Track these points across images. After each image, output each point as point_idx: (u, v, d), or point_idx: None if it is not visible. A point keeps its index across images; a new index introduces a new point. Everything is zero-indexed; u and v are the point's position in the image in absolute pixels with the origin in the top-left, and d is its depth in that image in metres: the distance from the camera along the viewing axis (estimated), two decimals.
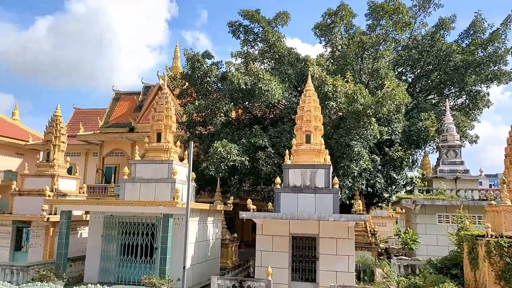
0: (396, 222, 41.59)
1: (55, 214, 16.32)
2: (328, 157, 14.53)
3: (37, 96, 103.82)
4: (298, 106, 15.50)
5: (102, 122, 33.10)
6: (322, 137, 15.10)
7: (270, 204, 15.32)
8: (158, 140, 15.99)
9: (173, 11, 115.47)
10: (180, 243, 13.90)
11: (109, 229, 14.81)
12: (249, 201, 13.94)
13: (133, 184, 15.27)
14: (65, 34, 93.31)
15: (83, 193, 18.47)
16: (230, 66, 23.34)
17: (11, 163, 37.89)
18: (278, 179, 14.46)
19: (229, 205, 18.00)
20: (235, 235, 20.00)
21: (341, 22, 22.00)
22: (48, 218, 15.45)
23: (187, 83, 23.39)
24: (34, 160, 41.44)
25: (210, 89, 22.16)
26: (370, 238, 18.96)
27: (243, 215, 13.43)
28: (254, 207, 13.90)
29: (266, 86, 18.45)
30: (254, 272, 17.12)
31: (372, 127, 17.10)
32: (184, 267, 12.00)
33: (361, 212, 13.17)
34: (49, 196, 15.37)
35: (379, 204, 25.61)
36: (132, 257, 14.53)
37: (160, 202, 13.48)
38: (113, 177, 34.40)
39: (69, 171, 19.34)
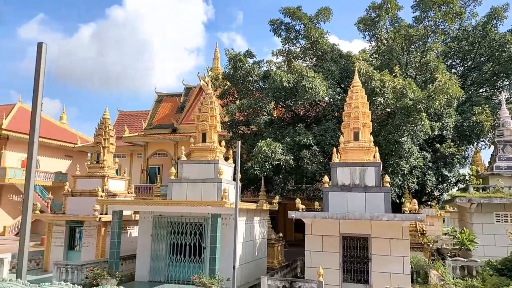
0: (443, 221, 39.99)
1: (106, 214, 16.74)
2: (377, 155, 14.05)
3: (81, 101, 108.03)
4: (345, 103, 15.10)
5: (146, 123, 33.86)
6: (370, 134, 14.64)
7: (316, 203, 15.02)
8: (204, 140, 16.04)
9: (210, 13, 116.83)
10: (228, 243, 13.89)
11: (158, 229, 15.03)
12: (297, 200, 13.71)
13: (180, 184, 15.41)
14: (107, 40, 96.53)
15: (131, 193, 18.86)
16: (270, 65, 23.21)
17: (61, 165, 39.59)
18: (326, 178, 14.14)
19: (274, 204, 17.84)
20: (280, 234, 19.82)
21: (386, 16, 21.29)
22: (100, 218, 15.85)
23: (228, 83, 23.44)
24: (82, 162, 43.08)
25: (252, 88, 22.08)
26: (421, 238, 18.23)
27: (292, 214, 13.21)
28: (303, 206, 13.64)
29: (310, 84, 18.13)
30: (303, 272, 16.90)
31: (422, 122, 16.40)
32: (234, 267, 11.93)
33: (416, 212, 12.61)
34: (101, 196, 15.76)
35: (429, 203, 24.63)
36: (181, 257, 14.67)
37: (209, 202, 13.50)
38: (157, 178, 35.16)
39: (116, 172, 19.84)
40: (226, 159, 16.64)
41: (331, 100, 20.41)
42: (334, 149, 14.62)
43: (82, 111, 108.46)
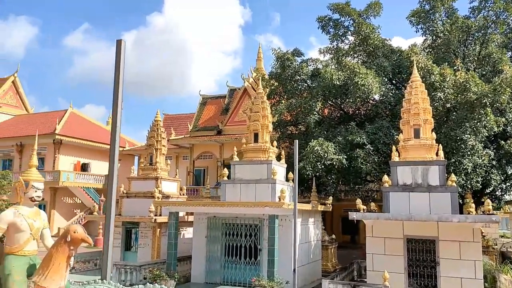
0: (498, 222, 37.89)
1: (160, 215, 16.90)
2: (441, 152, 13.31)
3: (125, 107, 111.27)
4: (403, 99, 14.45)
5: (192, 126, 34.22)
6: (432, 130, 13.92)
7: (372, 204, 14.44)
8: (256, 140, 15.85)
9: (247, 16, 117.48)
10: (284, 244, 13.61)
11: (213, 230, 14.96)
12: (358, 200, 13.22)
13: (233, 185, 15.28)
14: (148, 46, 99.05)
15: (183, 194, 18.97)
16: (317, 63, 22.78)
17: None
18: (386, 177, 13.55)
19: (327, 205, 17.39)
20: (333, 236, 19.33)
21: (442, 7, 20.33)
22: (155, 219, 16.00)
23: (275, 83, 23.19)
24: (130, 164, 44.09)
25: (300, 87, 21.73)
26: (485, 241, 17.21)
27: (354, 215, 12.74)
28: (364, 207, 13.13)
29: (363, 80, 17.56)
30: (359, 276, 16.36)
31: (487, 118, 15.44)
32: (294, 270, 11.61)
33: (490, 212, 11.79)
34: (158, 198, 15.91)
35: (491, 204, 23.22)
36: (236, 258, 14.53)
37: (266, 203, 13.27)
38: (203, 179, 35.45)
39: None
40: (278, 159, 16.39)
41: (383, 97, 19.71)
42: (393, 148, 14.01)
43: (125, 116, 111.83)
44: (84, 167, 38.18)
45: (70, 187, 35.09)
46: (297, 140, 12.50)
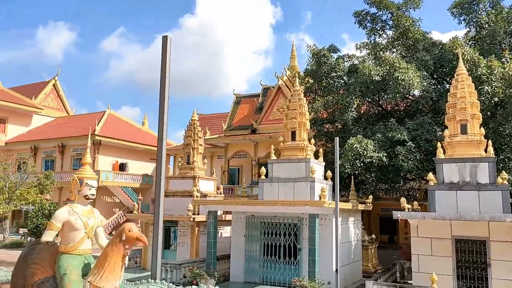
0: None
1: (198, 214, 16.95)
2: (490, 149, 12.63)
3: (157, 107, 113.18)
4: (448, 93, 13.84)
5: (226, 125, 34.31)
6: (480, 126, 13.25)
7: (415, 202, 13.91)
8: (293, 138, 15.66)
9: (278, 15, 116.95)
10: (324, 244, 13.35)
11: (252, 229, 14.86)
12: (403, 199, 12.76)
13: (271, 184, 15.13)
14: (181, 48, 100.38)
15: (220, 193, 18.98)
16: (353, 59, 22.29)
17: (146, 168, 41.50)
18: (430, 175, 13.01)
19: (368, 204, 16.94)
20: (373, 236, 18.82)
21: None
22: (194, 218, 16.06)
23: (310, 80, 22.85)
24: (166, 164, 44.68)
25: (336, 84, 21.31)
26: None
27: (398, 214, 12.31)
28: (409, 206, 12.66)
29: (403, 75, 16.98)
30: (402, 277, 15.84)
31: None
32: (337, 271, 11.36)
33: None
34: (197, 197, 15.96)
35: None
36: (276, 258, 14.36)
37: (306, 202, 13.03)
38: (237, 178, 35.50)
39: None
40: (316, 157, 16.11)
41: (424, 92, 19.00)
42: (438, 144, 13.43)
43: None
44: (122, 167, 39.06)
45: (109, 187, 35.96)
46: (337, 138, 12.20)
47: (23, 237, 28.13)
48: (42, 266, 3.60)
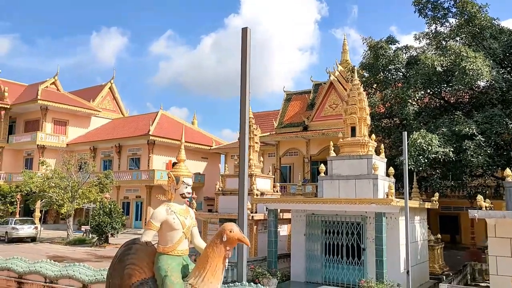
0: None
1: (256, 212, 16.83)
2: None
3: (206, 107, 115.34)
4: None
5: (277, 123, 34.09)
6: None
7: (487, 200, 12.96)
8: (353, 134, 15.10)
9: (323, 11, 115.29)
10: (391, 244, 12.75)
11: (312, 228, 14.51)
12: (479, 197, 11.91)
13: (331, 181, 14.69)
14: (227, 48, 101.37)
15: (277, 191, 18.77)
16: (411, 50, 21.32)
17: (198, 167, 42.19)
18: (508, 171, 12.04)
19: (434, 202, 16.07)
20: (439, 236, 17.87)
21: None
22: (252, 216, 15.95)
23: (365, 74, 22.11)
24: (216, 163, 45.33)
25: (394, 77, 20.47)
26: None
27: (475, 213, 11.48)
28: (487, 204, 11.80)
29: (471, 65, 15.94)
30: (473, 280, 14.90)
31: None
32: (408, 272, 10.79)
33: None
34: (256, 195, 15.85)
35: None
36: (338, 258, 13.91)
37: (372, 200, 12.51)
38: (289, 176, 35.23)
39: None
40: (377, 153, 15.49)
41: (493, 82, 17.79)
42: None
43: (207, 117, 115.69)
44: (175, 166, 39.93)
45: (163, 185, 36.83)
46: (405, 132, 11.62)
47: (85, 234, 29.40)
48: (139, 267, 3.50)
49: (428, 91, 19.98)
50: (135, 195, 37.99)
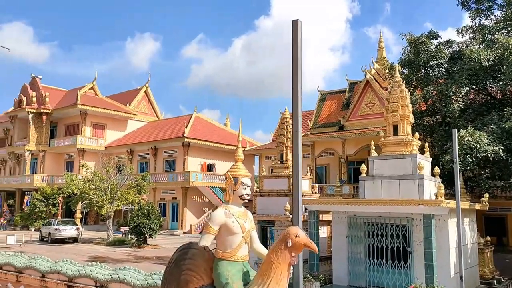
0: None
1: None
2: None
3: (237, 109, 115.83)
4: None
5: (312, 123, 33.62)
6: None
7: None
8: (395, 133, 14.55)
9: (355, 10, 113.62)
10: (440, 247, 12.16)
11: (354, 230, 14.07)
12: None
13: (373, 182, 14.20)
14: (257, 50, 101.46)
15: (315, 192, 18.40)
16: (452, 45, 20.44)
17: None
18: None
19: (484, 203, 15.27)
20: (488, 238, 16.98)
21: None
22: (292, 218, 15.64)
23: (404, 72, 21.35)
24: (251, 164, 45.23)
25: (437, 73, 19.66)
26: None
27: None
28: None
29: None
30: None
31: None
32: (461, 277, 10.21)
33: None
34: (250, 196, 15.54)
35: None
36: (382, 261, 13.41)
37: (420, 201, 11.97)
38: (324, 177, 34.66)
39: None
40: (421, 152, 14.87)
41: None
42: None
43: (239, 119, 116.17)
44: (209, 168, 40.16)
45: (199, 187, 37.10)
46: (455, 130, 11.01)
47: (124, 235, 29.94)
48: (197, 273, 3.31)
49: (474, 87, 19.06)
50: (171, 196, 38.44)
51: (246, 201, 3.53)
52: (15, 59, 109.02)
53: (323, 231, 17.81)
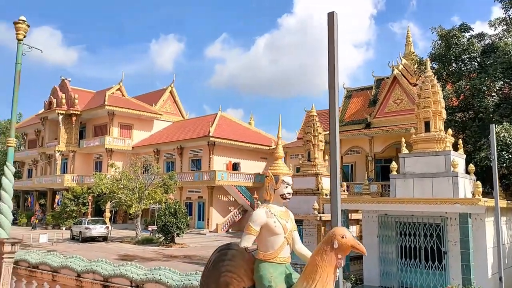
0: None
1: (323, 212, 16.28)
2: None
3: (260, 107, 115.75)
4: None
5: None
6: None
7: None
8: (427, 129, 14.13)
9: (380, 5, 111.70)
10: (476, 247, 11.71)
11: (385, 230, 13.74)
12: None
13: (404, 180, 13.82)
14: (280, 48, 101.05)
15: (344, 191, 18.09)
16: (485, 38, 19.72)
17: (258, 167, 42.16)
18: None
19: None
20: None
21: None
22: (320, 217, 15.45)
23: (433, 67, 20.74)
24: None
25: (469, 67, 19.01)
26: None
27: None
28: None
29: None
30: None
31: None
32: (500, 278, 9.81)
33: None
34: (326, 195, 15.35)
35: None
36: (416, 261, 13.04)
37: (456, 200, 11.57)
38: (351, 175, 34.16)
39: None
40: (455, 149, 14.38)
41: None
42: None
43: (262, 117, 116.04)
44: (235, 167, 40.20)
45: (224, 186, 37.17)
46: (492, 125, 10.57)
47: (152, 234, 30.30)
48: (237, 275, 3.20)
49: (508, 80, 18.34)
50: (197, 195, 38.68)
51: (288, 200, 3.41)
52: (45, 63, 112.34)
53: (352, 230, 17.51)
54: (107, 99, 41.92)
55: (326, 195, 15.46)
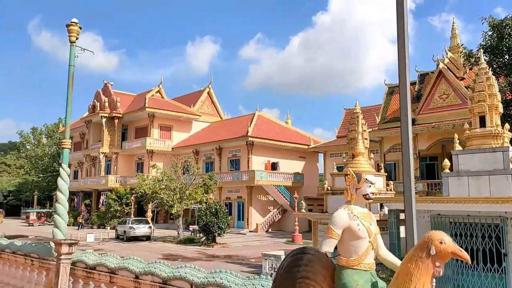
0: None
1: None
2: None
3: (297, 108, 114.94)
4: None
5: (379, 118, 32.31)
6: None
7: None
8: (482, 124, 13.36)
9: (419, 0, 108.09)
10: None
11: (439, 230, 13.10)
12: None
13: (459, 178, 13.14)
14: (315, 46, 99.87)
15: (390, 190, 17.48)
16: None
17: (296, 166, 41.76)
18: None
19: None
20: None
21: None
22: None
23: (485, 59, 19.69)
24: (315, 161, 44.47)
25: None
26: None
27: None
28: None
29: None
30: None
31: None
32: None
33: None
34: (375, 194, 14.85)
35: None
36: (473, 264, 12.33)
37: None
38: (394, 174, 33.14)
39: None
40: None
41: None
42: None
43: (298, 116, 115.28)
44: (273, 166, 39.97)
45: (263, 186, 37.02)
46: None
47: (193, 233, 30.59)
48: (316, 282, 2.97)
49: None
50: (237, 195, 38.74)
51: (371, 200, 3.14)
52: (88, 68, 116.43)
53: (402, 231, 16.88)
54: (147, 102, 42.78)
55: (376, 194, 14.91)
